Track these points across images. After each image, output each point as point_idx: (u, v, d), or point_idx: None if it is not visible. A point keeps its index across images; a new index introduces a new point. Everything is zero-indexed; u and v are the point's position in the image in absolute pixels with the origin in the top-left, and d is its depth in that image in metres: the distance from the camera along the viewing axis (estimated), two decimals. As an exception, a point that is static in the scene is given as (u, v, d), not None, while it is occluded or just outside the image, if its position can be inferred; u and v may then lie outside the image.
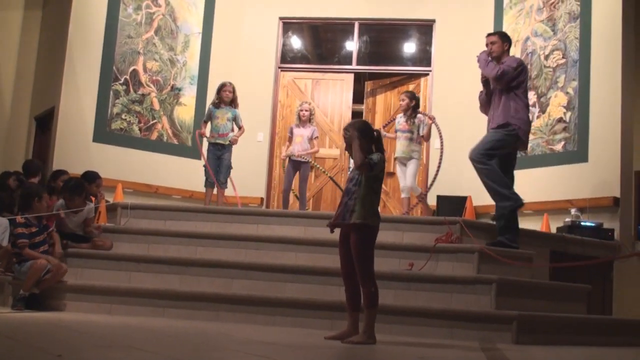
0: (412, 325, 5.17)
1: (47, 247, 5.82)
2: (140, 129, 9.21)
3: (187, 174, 9.16)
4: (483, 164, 6.23)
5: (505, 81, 6.25)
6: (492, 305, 5.33)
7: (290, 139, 8.46)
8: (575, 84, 8.22)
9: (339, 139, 9.79)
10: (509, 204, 6.19)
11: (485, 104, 6.54)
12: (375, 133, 4.57)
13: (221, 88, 7.88)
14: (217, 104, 7.88)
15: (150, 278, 5.87)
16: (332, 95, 10.09)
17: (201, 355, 3.51)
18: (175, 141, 9.48)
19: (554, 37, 8.59)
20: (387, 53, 10.77)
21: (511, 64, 6.32)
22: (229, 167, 7.80)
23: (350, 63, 10.18)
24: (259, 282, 5.71)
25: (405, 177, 7.97)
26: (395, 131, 8.06)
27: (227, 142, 7.80)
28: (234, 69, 9.90)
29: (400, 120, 8.02)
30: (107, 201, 7.25)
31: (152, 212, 6.79)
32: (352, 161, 4.79)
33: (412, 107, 7.97)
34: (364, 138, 4.47)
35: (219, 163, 7.75)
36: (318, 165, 9.02)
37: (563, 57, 8.42)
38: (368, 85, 10.36)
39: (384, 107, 10.18)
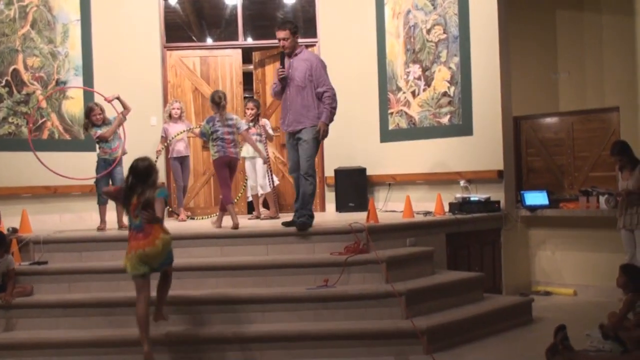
0: (332, 348, 5.66)
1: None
2: (29, 130, 8.98)
3: (84, 169, 8.88)
4: (312, 177, 6.78)
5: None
6: (403, 315, 5.90)
7: (164, 139, 8.99)
8: (457, 59, 8.66)
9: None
10: (310, 217, 6.79)
11: (278, 95, 7.01)
12: None
13: (89, 112, 7.68)
14: (94, 126, 7.70)
15: (79, 322, 6.04)
16: (221, 71, 10.10)
17: None
18: (67, 137, 9.31)
19: (434, 12, 8.92)
20: (272, 25, 10.71)
21: (326, 76, 6.79)
22: (123, 181, 7.74)
23: (236, 38, 10.16)
24: (187, 317, 6.02)
25: (255, 175, 8.88)
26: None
27: (119, 155, 7.70)
28: (118, 54, 9.69)
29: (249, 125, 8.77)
30: (13, 230, 7.20)
31: (66, 244, 6.84)
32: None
33: (258, 114, 8.91)
34: None
35: (110, 178, 7.66)
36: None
37: (444, 32, 8.80)
38: (256, 56, 10.40)
39: (272, 77, 10.26)
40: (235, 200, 8.04)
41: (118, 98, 7.77)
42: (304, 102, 6.75)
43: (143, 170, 5.41)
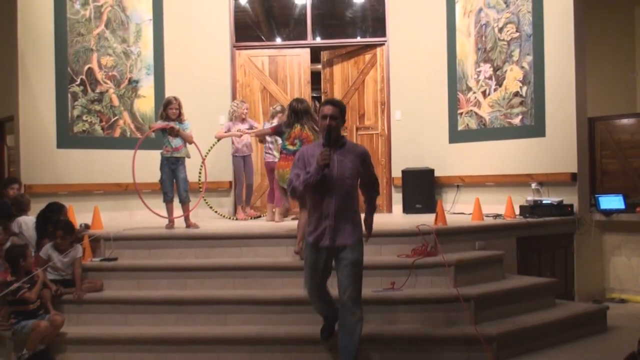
0: (398, 352, 5.58)
1: (40, 302, 5.97)
2: (102, 128, 9.17)
3: (154, 167, 9.12)
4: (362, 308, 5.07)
5: None
6: (472, 320, 5.77)
7: (225, 131, 9.05)
8: (529, 58, 8.42)
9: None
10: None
11: (309, 190, 5.04)
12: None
13: (167, 105, 7.72)
14: (166, 120, 7.76)
15: (147, 319, 6.10)
16: (290, 71, 10.10)
17: None
18: (138, 135, 9.45)
19: (506, 10, 8.70)
20: (341, 25, 10.76)
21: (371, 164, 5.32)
22: (187, 181, 7.80)
23: (305, 37, 10.14)
24: (253, 316, 6.01)
25: None
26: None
27: (182, 155, 7.77)
28: (188, 53, 9.82)
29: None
30: (86, 227, 7.38)
31: (135, 242, 6.94)
32: None
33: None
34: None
35: (174, 177, 7.74)
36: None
37: (517, 31, 8.57)
38: (324, 56, 10.38)
39: (341, 77, 10.26)
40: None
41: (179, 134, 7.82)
42: (352, 206, 5.09)
43: (301, 109, 6.76)
